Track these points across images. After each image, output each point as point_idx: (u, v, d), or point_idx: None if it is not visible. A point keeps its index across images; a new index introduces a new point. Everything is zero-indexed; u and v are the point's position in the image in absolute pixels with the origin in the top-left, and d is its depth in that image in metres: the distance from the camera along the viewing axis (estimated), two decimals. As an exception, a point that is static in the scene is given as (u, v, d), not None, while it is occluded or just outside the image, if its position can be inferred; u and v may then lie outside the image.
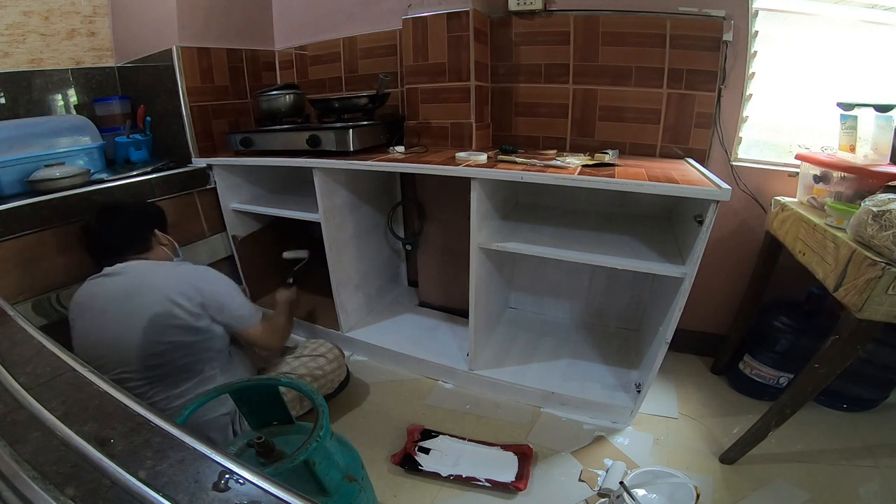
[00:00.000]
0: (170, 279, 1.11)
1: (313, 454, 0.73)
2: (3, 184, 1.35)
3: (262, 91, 1.80)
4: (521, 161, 1.34)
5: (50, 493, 0.36)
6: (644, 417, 1.44)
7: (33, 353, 0.55)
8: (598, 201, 1.68)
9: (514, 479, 1.21)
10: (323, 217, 1.57)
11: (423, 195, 1.87)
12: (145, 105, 1.79)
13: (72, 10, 1.75)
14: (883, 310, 0.88)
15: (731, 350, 1.62)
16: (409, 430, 1.38)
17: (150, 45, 1.71)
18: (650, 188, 1.10)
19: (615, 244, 1.33)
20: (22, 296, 1.23)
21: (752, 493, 1.18)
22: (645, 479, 1.18)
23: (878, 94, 1.26)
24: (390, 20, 1.73)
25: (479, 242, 1.35)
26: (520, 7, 1.54)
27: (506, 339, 1.78)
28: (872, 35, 1.29)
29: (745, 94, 1.42)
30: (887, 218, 0.86)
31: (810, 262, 1.12)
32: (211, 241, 1.83)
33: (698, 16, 1.38)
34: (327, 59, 1.97)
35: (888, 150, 1.08)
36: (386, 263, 2.09)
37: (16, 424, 0.43)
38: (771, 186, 1.46)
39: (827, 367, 1.03)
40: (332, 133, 1.49)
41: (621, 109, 1.55)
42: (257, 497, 0.36)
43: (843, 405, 1.47)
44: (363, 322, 1.90)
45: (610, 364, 1.61)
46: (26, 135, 1.47)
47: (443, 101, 1.59)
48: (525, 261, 1.87)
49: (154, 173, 1.60)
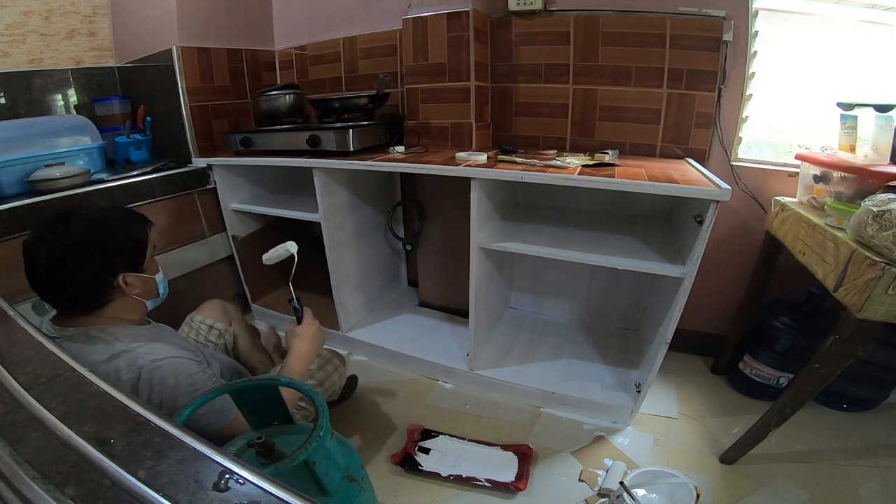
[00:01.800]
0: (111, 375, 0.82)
1: (313, 454, 0.73)
2: (3, 184, 1.35)
3: (262, 91, 1.80)
4: (521, 161, 1.34)
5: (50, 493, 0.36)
6: (644, 417, 1.44)
7: (33, 353, 0.55)
8: (598, 201, 1.68)
9: (514, 479, 1.21)
10: (323, 217, 1.57)
11: (423, 195, 1.87)
12: (145, 105, 1.79)
13: (72, 10, 1.76)
14: (883, 310, 0.88)
15: (731, 350, 1.62)
16: (409, 430, 1.38)
17: (150, 45, 1.71)
18: (650, 188, 1.10)
19: (615, 244, 1.33)
20: (22, 296, 1.23)
21: (752, 493, 1.18)
22: (645, 479, 1.18)
23: (878, 94, 1.26)
24: (390, 20, 1.73)
25: (479, 242, 1.35)
26: (520, 7, 1.54)
27: (506, 339, 1.78)
28: (872, 35, 1.29)
29: (745, 94, 1.42)
30: (887, 218, 0.86)
31: (810, 262, 1.12)
32: (211, 241, 1.83)
33: (698, 16, 1.38)
34: (327, 59, 1.97)
35: (888, 150, 1.08)
36: (386, 263, 2.09)
37: (16, 424, 0.43)
38: (771, 186, 1.46)
39: (827, 367, 1.03)
40: (332, 133, 1.49)
41: (621, 109, 1.55)
42: (257, 497, 0.36)
43: (843, 405, 1.47)
44: (363, 322, 1.90)
45: (610, 364, 1.61)
46: (26, 135, 1.47)
47: (443, 101, 1.59)
48: (525, 261, 1.87)
49: (154, 173, 1.60)
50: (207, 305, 1.33)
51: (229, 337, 1.31)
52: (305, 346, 1.10)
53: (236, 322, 1.34)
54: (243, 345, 1.33)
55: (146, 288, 0.96)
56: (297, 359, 1.08)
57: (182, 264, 1.70)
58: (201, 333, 1.27)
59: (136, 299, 0.94)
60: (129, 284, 0.91)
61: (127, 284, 0.91)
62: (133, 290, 0.92)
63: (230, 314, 1.35)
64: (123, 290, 0.90)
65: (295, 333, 1.11)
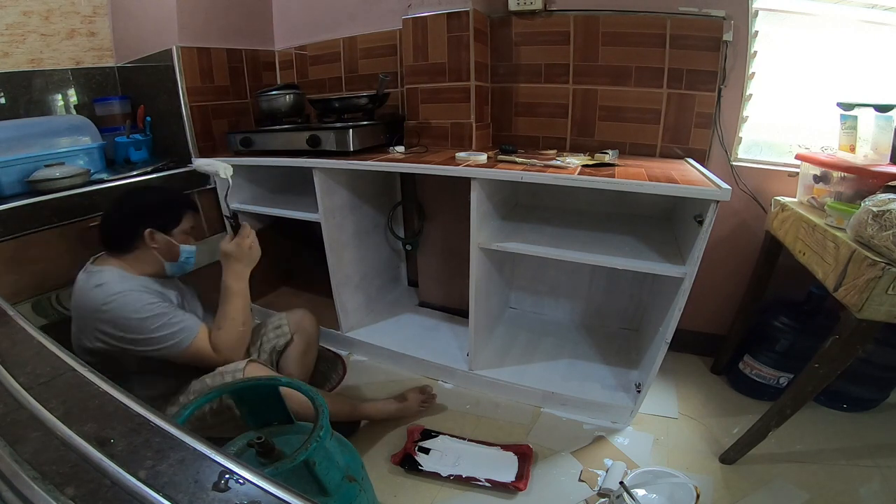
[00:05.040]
0: (93, 309, 1.00)
1: (313, 454, 0.73)
2: (3, 184, 1.35)
3: (262, 91, 1.80)
4: (521, 161, 1.34)
5: (50, 493, 0.36)
6: (644, 417, 1.44)
7: (33, 353, 0.55)
8: (598, 201, 1.68)
9: (514, 479, 1.21)
10: (323, 217, 1.57)
11: (423, 195, 1.87)
12: (145, 105, 1.79)
13: (72, 10, 1.76)
14: (883, 310, 0.88)
15: (731, 350, 1.62)
16: (409, 430, 1.38)
17: (150, 45, 1.71)
18: (650, 188, 1.10)
19: (615, 244, 1.33)
20: (22, 296, 1.23)
21: (752, 493, 1.18)
22: (645, 479, 1.18)
23: (878, 94, 1.26)
24: (390, 20, 1.73)
25: (479, 242, 1.35)
26: (520, 7, 1.54)
27: (506, 339, 1.78)
28: (872, 35, 1.29)
29: (745, 94, 1.42)
30: (887, 218, 0.86)
31: (810, 262, 1.12)
32: (211, 241, 1.83)
33: (698, 16, 1.38)
34: (327, 59, 1.97)
35: (888, 150, 1.08)
36: (386, 263, 2.09)
37: (16, 424, 0.43)
38: (771, 186, 1.46)
39: (827, 367, 1.03)
40: (332, 133, 1.49)
41: (621, 109, 1.55)
42: (257, 497, 0.36)
43: (843, 405, 1.47)
44: (363, 322, 1.90)
45: (610, 364, 1.61)
46: (26, 135, 1.47)
47: (443, 101, 1.59)
48: (525, 261, 1.87)
49: (154, 173, 1.60)
50: (294, 311, 1.44)
51: (283, 341, 1.37)
52: (236, 266, 1.13)
53: (301, 334, 1.39)
54: (289, 353, 1.36)
55: (168, 249, 1.12)
56: (231, 278, 1.13)
57: (182, 264, 1.70)
58: (271, 325, 1.38)
59: (155, 255, 1.11)
60: (154, 240, 1.09)
61: (153, 239, 1.09)
62: (154, 245, 1.10)
63: (302, 326, 1.40)
64: (150, 241, 1.08)
65: (225, 251, 1.13)
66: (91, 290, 1.01)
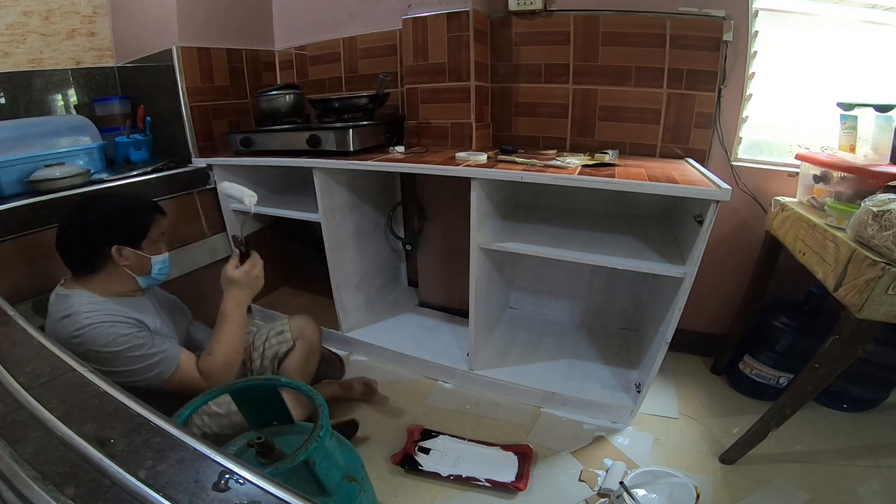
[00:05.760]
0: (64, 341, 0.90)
1: (313, 454, 0.73)
2: (3, 184, 1.35)
3: (262, 91, 1.80)
4: (521, 161, 1.34)
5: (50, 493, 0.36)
6: (644, 417, 1.44)
7: (33, 353, 0.55)
8: (598, 201, 1.68)
9: (514, 479, 1.21)
10: (323, 217, 1.57)
11: (423, 195, 1.87)
12: (145, 105, 1.79)
13: (72, 10, 1.76)
14: (883, 310, 0.88)
15: (731, 350, 1.62)
16: (409, 430, 1.38)
17: (150, 45, 1.71)
18: (650, 188, 1.10)
19: (615, 244, 1.33)
20: (22, 296, 1.23)
21: (752, 493, 1.18)
22: (645, 479, 1.18)
23: (878, 94, 1.26)
24: (390, 20, 1.73)
25: (479, 242, 1.35)
26: (520, 7, 1.54)
27: (506, 339, 1.78)
28: (872, 35, 1.29)
29: (745, 94, 1.42)
30: (887, 218, 0.86)
31: (810, 262, 1.12)
32: (211, 241, 1.83)
33: (698, 16, 1.38)
34: (327, 59, 1.97)
35: (888, 150, 1.08)
36: (386, 263, 2.09)
37: (16, 424, 0.43)
38: (771, 186, 1.46)
39: (827, 367, 1.03)
40: (332, 133, 1.49)
41: (621, 109, 1.55)
42: (257, 497, 0.36)
43: (843, 405, 1.47)
44: (363, 322, 1.90)
45: (610, 364, 1.61)
46: (26, 135, 1.47)
47: (443, 101, 1.59)
48: (525, 261, 1.87)
49: (154, 173, 1.60)
50: (297, 317, 1.40)
51: (285, 347, 1.33)
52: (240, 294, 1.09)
53: (303, 341, 1.35)
54: (290, 360, 1.33)
55: (139, 264, 1.03)
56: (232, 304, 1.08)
57: (182, 264, 1.70)
58: (273, 330, 1.35)
59: (126, 271, 1.01)
60: (122, 256, 1.00)
61: (121, 256, 0.99)
62: (124, 262, 1.00)
63: (305, 333, 1.37)
64: (115, 260, 0.99)
65: (231, 277, 1.08)
66: (59, 322, 0.92)
